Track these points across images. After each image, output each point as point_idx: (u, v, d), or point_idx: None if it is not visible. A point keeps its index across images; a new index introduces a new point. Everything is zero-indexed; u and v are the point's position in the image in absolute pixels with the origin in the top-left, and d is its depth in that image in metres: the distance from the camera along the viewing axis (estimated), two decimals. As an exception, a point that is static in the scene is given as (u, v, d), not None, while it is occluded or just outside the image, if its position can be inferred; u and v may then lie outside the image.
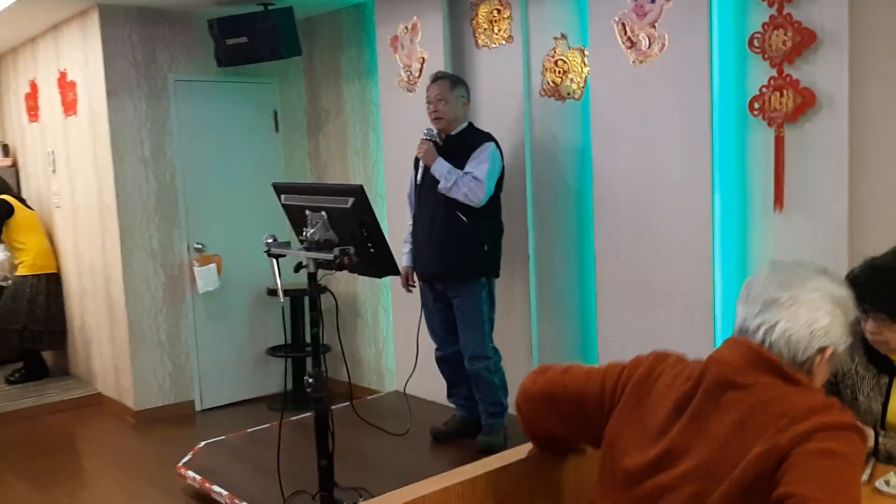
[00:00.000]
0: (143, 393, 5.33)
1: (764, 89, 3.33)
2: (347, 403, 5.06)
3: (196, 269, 5.39)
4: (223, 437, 4.54)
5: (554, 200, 4.24)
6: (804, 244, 3.31)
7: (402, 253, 4.16)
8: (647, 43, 3.65)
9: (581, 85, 4.10)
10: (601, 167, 3.91)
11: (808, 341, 1.55)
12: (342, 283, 5.80)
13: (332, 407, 4.96)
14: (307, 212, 3.21)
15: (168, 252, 5.39)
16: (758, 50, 3.34)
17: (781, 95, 3.28)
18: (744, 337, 1.60)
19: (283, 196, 3.41)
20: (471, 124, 4.05)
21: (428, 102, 3.99)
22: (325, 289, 3.30)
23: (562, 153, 4.21)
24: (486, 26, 4.48)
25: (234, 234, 5.61)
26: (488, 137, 3.94)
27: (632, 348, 3.84)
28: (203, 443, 4.44)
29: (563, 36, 4.15)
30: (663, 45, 3.59)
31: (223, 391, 5.63)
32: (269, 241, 3.38)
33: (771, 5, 3.28)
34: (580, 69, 4.09)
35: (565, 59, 4.16)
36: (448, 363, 4.18)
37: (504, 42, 4.40)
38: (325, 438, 3.26)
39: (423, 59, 4.71)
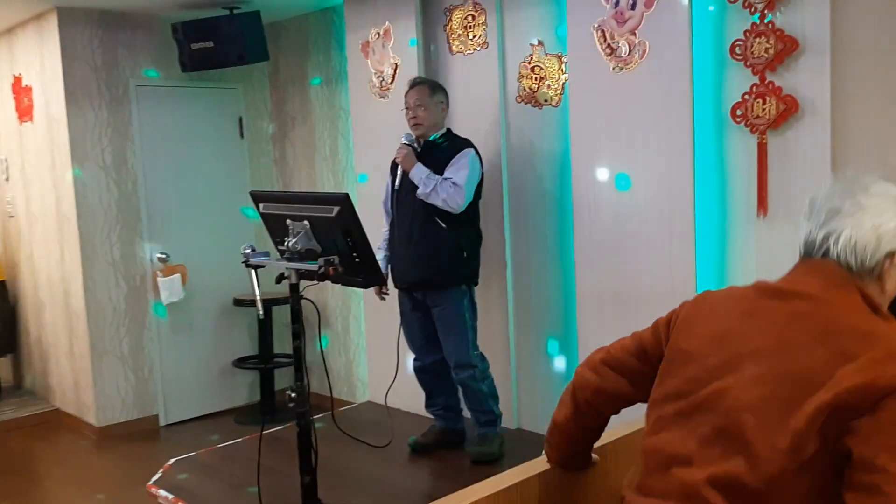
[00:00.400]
0: (105, 408, 5.15)
1: (746, 96, 3.34)
2: (324, 416, 4.98)
3: (160, 279, 5.24)
4: (193, 454, 4.39)
5: (531, 207, 4.21)
6: (787, 250, 3.28)
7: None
8: (628, 50, 3.64)
9: (558, 91, 4.08)
10: (580, 174, 3.89)
11: (875, 245, 1.49)
12: (310, 291, 5.69)
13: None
14: (288, 221, 3.13)
15: (130, 262, 5.22)
16: (739, 57, 3.35)
17: (764, 102, 3.29)
18: (817, 258, 1.54)
19: (261, 205, 3.31)
20: (449, 130, 4.01)
21: (406, 108, 3.93)
22: (307, 299, 3.20)
23: (539, 160, 4.18)
24: (461, 32, 4.43)
25: (198, 243, 5.47)
26: (467, 144, 3.90)
27: (613, 356, 3.85)
28: (173, 459, 4.29)
29: (540, 42, 4.13)
30: (644, 51, 3.58)
31: (188, 405, 5.48)
32: (248, 251, 3.29)
33: (753, 13, 3.29)
34: (557, 76, 4.07)
35: (542, 66, 4.13)
36: (426, 373, 4.11)
37: (479, 48, 4.36)
38: (308, 454, 3.17)
39: (395, 64, 4.65)
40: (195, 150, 5.47)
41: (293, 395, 3.16)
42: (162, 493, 3.88)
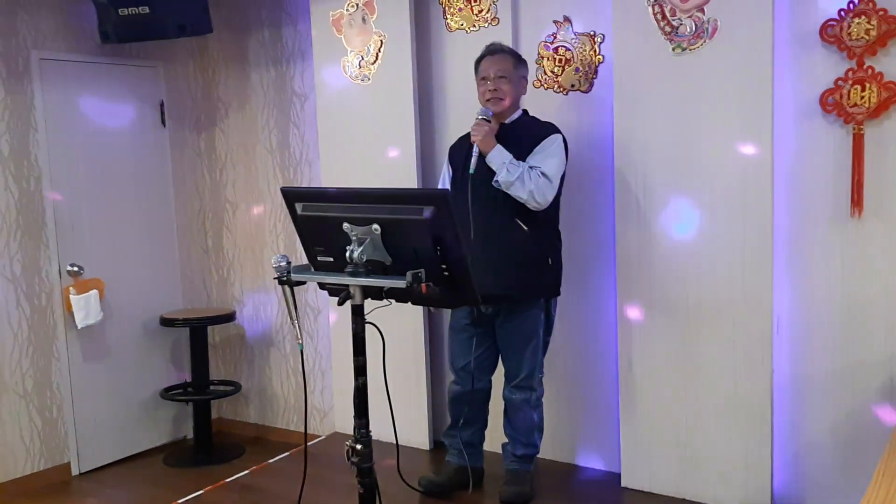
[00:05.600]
0: (6, 459, 4.12)
1: (840, 82, 3.02)
2: (287, 454, 4.26)
3: (73, 297, 4.26)
4: (150, 516, 3.55)
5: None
6: (881, 253, 3.03)
7: None
8: (693, 28, 3.22)
9: (590, 76, 3.60)
10: (627, 167, 3.43)
11: None
12: (247, 306, 4.91)
13: (270, 461, 4.15)
14: (346, 225, 2.45)
15: (34, 278, 4.21)
16: (832, 39, 3.02)
17: (863, 90, 2.97)
18: None
19: (299, 205, 2.60)
20: (525, 112, 3.41)
21: (483, 79, 3.29)
22: (371, 324, 2.53)
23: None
24: (462, 5, 3.86)
25: (116, 252, 4.54)
26: (554, 128, 3.32)
27: (663, 373, 3.43)
28: (127, 526, 3.44)
29: (567, 19, 3.64)
30: (714, 30, 3.18)
31: (106, 448, 4.52)
32: (283, 263, 2.57)
33: (849, -10, 2.97)
34: (590, 58, 3.59)
35: (569, 46, 3.64)
36: (464, 402, 3.50)
37: (487, 25, 3.80)
38: (373, 522, 2.50)
39: (381, 41, 3.99)
40: (111, 140, 4.52)
41: (357, 446, 2.48)
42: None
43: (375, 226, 2.41)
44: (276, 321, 4.82)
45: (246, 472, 3.97)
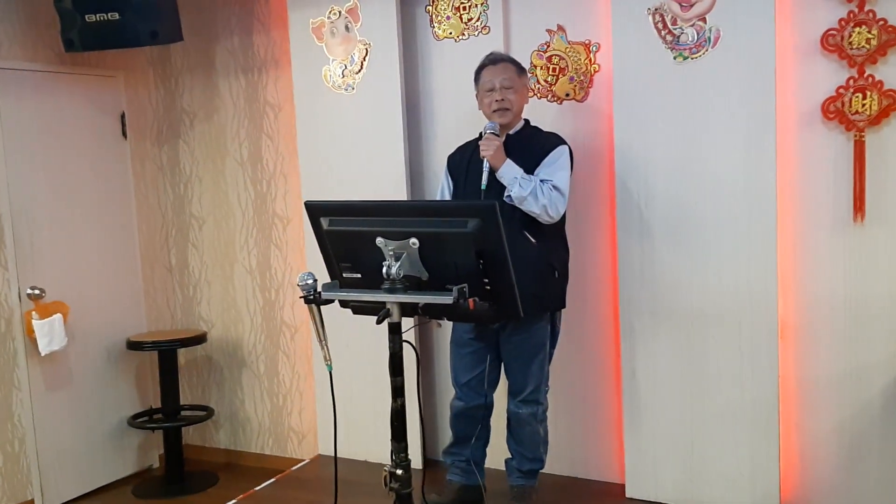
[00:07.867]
0: (-35, 500, 3.83)
1: (842, 90, 3.08)
2: (274, 480, 4.08)
3: (35, 322, 3.99)
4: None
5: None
6: (884, 258, 3.10)
7: None
8: (695, 37, 3.24)
9: (585, 85, 3.59)
10: (628, 175, 3.42)
11: None
12: (216, 326, 4.70)
13: (256, 489, 3.97)
14: (380, 240, 2.35)
15: (-8, 302, 3.94)
16: (832, 48, 3.08)
17: (864, 97, 3.04)
18: None
19: (325, 219, 2.48)
20: (527, 122, 3.35)
21: (489, 90, 3.22)
22: (408, 343, 2.43)
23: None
24: (451, 13, 3.80)
25: (78, 273, 4.28)
26: (560, 139, 3.27)
27: (667, 381, 3.42)
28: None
29: (561, 28, 3.61)
30: (716, 39, 3.21)
31: (72, 481, 4.23)
32: (309, 281, 2.45)
33: (849, 1, 3.04)
34: (585, 67, 3.58)
35: (563, 56, 3.62)
36: (466, 418, 3.41)
37: (477, 34, 3.75)
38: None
39: (366, 51, 3.88)
40: (71, 155, 4.26)
41: (397, 472, 2.38)
42: None
43: (413, 240, 2.32)
44: (248, 341, 4.62)
45: (233, 501, 3.78)
